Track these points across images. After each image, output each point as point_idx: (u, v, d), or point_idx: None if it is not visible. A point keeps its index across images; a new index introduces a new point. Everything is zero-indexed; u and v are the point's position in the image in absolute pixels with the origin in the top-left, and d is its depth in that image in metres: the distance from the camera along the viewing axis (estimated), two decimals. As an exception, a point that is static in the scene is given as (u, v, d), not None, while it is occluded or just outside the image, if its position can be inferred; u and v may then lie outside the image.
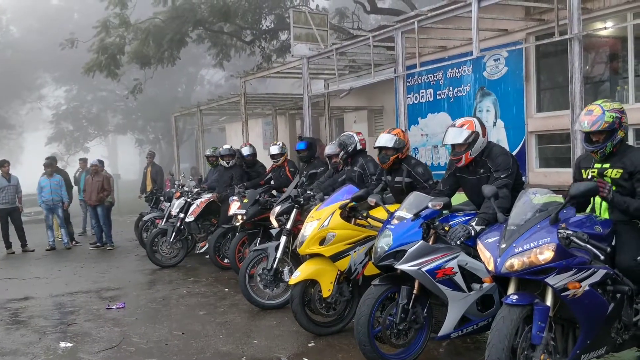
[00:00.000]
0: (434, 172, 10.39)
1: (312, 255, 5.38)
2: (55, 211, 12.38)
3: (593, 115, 3.97)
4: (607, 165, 3.99)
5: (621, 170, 3.92)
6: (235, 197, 8.77)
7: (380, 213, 5.17)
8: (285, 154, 9.13)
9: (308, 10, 10.81)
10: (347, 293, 5.45)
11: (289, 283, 5.47)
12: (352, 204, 5.38)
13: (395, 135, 5.81)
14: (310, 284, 5.39)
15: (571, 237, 3.49)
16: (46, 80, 36.17)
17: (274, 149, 9.09)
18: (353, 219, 5.37)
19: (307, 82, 10.61)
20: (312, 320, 5.43)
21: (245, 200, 7.93)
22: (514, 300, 3.54)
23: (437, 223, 4.50)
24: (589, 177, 4.11)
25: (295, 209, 6.49)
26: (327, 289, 5.29)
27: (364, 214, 5.29)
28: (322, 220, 5.28)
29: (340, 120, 16.55)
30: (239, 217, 7.91)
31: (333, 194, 5.75)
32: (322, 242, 5.21)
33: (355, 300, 5.42)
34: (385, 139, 5.80)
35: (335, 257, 5.19)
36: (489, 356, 3.46)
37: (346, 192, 5.54)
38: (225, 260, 8.75)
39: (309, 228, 5.34)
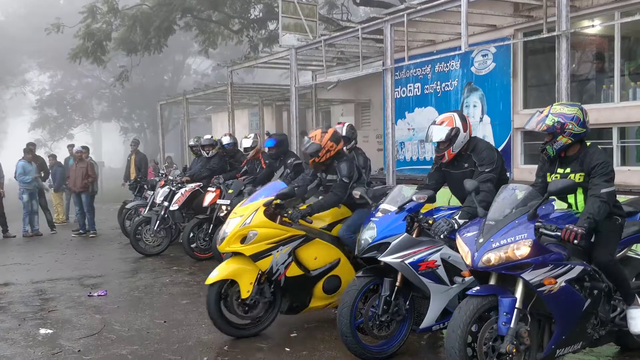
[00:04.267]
0: (420, 167, 10.50)
1: (235, 254, 5.10)
2: (34, 197, 12.26)
3: (541, 115, 4.02)
4: (568, 170, 4.03)
5: (583, 174, 3.95)
6: (210, 188, 8.75)
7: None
8: (256, 147, 9.05)
9: (297, 0, 10.76)
10: (268, 294, 5.18)
11: (206, 282, 5.07)
12: (278, 201, 5.15)
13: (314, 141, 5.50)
14: (230, 283, 5.10)
15: (541, 229, 3.55)
16: (30, 65, 35.66)
17: (247, 142, 9.04)
18: (279, 217, 5.13)
19: (295, 73, 10.57)
20: (228, 322, 5.14)
21: (230, 191, 7.90)
22: (474, 292, 3.60)
23: (421, 216, 4.53)
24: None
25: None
26: (246, 289, 5.00)
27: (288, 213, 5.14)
28: (245, 218, 5.03)
29: (327, 112, 16.53)
30: (223, 207, 7.87)
31: (259, 190, 5.57)
32: (243, 240, 4.99)
33: (277, 302, 5.24)
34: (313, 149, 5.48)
35: (256, 257, 4.96)
36: (445, 345, 3.54)
37: (272, 189, 5.30)
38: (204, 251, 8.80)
39: (231, 225, 5.08)
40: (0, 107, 38.00)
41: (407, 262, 4.31)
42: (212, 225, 8.74)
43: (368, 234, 4.49)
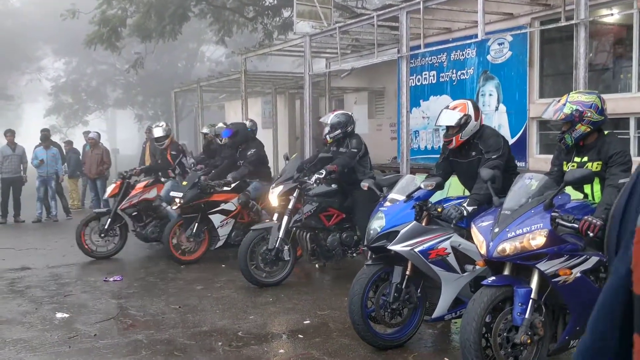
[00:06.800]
0: (434, 156, 10.41)
1: None
2: (48, 183, 12.37)
3: (558, 104, 3.98)
4: (585, 159, 3.99)
5: (600, 162, 3.91)
6: (117, 180, 8.42)
7: None
8: (170, 136, 8.75)
9: (312, -13, 10.67)
10: None
11: None
12: None
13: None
14: None
15: (557, 220, 3.53)
16: (46, 52, 35.89)
17: (158, 132, 8.61)
18: None
19: (309, 61, 10.53)
20: None
21: (184, 183, 7.67)
22: (489, 282, 3.59)
23: (430, 205, 4.52)
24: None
25: (297, 190, 6.50)
26: None
27: None
28: None
29: (341, 101, 16.46)
30: (177, 200, 7.61)
31: None
32: None
33: None
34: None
35: None
36: (460, 337, 3.53)
37: None
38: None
39: None
40: (15, 93, 38.29)
41: (416, 250, 4.30)
42: (109, 220, 8.22)
43: (377, 224, 4.49)
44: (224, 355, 4.53)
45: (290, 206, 6.44)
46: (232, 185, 7.86)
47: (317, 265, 7.30)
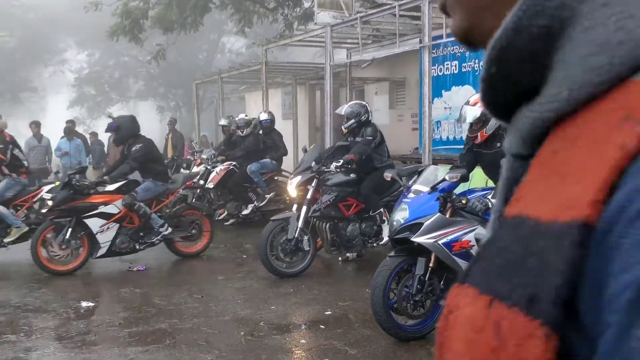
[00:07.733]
0: (456, 147, 10.35)
1: None
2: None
3: None
4: None
5: None
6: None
7: None
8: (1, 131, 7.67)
9: (333, -23, 10.61)
10: None
11: None
12: None
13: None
14: None
15: None
16: (69, 44, 36.28)
17: None
18: None
19: (330, 51, 10.49)
20: None
21: (57, 183, 7.05)
22: None
23: (455, 196, 4.49)
24: None
25: (315, 180, 6.52)
26: None
27: None
28: None
29: (361, 91, 16.38)
30: (49, 203, 6.89)
31: None
32: None
33: None
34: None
35: None
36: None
37: None
38: None
39: None
40: (39, 84, 38.81)
41: (440, 242, 4.28)
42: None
43: (400, 215, 4.48)
44: (246, 344, 4.56)
45: (308, 196, 6.45)
46: (115, 185, 7.03)
47: (339, 259, 7.29)
